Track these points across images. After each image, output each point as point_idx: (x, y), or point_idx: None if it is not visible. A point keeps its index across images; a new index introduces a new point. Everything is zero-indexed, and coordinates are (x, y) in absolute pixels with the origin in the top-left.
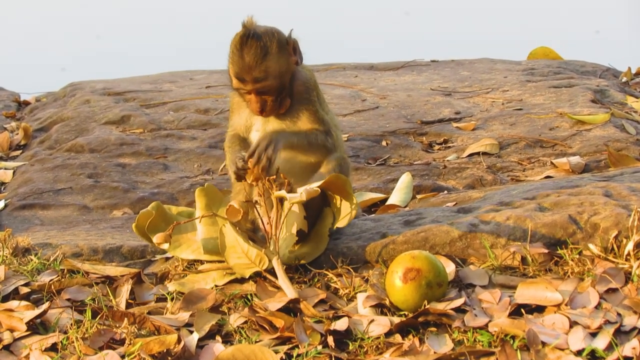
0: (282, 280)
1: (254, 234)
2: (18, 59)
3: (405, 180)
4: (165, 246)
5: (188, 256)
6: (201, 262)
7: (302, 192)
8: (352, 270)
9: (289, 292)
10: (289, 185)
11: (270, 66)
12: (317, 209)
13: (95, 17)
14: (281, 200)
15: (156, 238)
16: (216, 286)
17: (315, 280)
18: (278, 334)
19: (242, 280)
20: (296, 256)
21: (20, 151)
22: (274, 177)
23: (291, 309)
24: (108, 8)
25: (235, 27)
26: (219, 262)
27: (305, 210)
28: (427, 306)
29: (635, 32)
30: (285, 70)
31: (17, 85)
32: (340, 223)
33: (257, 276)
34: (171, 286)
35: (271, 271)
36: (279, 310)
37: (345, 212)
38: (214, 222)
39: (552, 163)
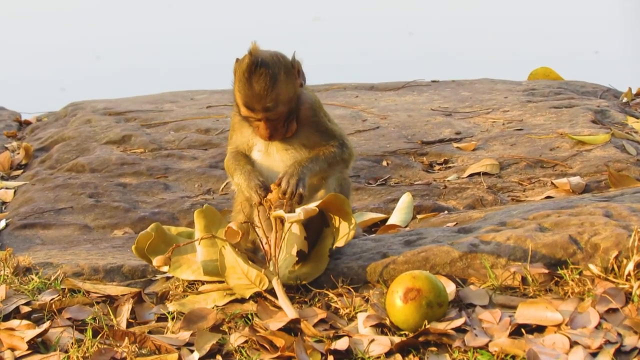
0: (282, 300)
1: (254, 254)
2: (19, 78)
3: (405, 201)
4: (165, 269)
5: (188, 277)
6: (202, 282)
7: (300, 212)
8: (352, 290)
9: (289, 312)
10: (289, 206)
11: (279, 93)
12: (317, 229)
13: (95, 37)
14: (281, 221)
15: (156, 261)
16: (216, 306)
17: (316, 300)
18: (279, 353)
19: (242, 301)
20: (296, 276)
21: (22, 171)
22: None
23: (292, 328)
24: (108, 28)
25: (235, 47)
26: (219, 282)
27: (305, 230)
28: (427, 326)
29: (635, 53)
30: (292, 95)
31: (18, 104)
32: (339, 243)
33: (257, 296)
34: (171, 306)
35: (271, 291)
36: (280, 329)
37: (343, 232)
38: (214, 244)
39: (552, 183)
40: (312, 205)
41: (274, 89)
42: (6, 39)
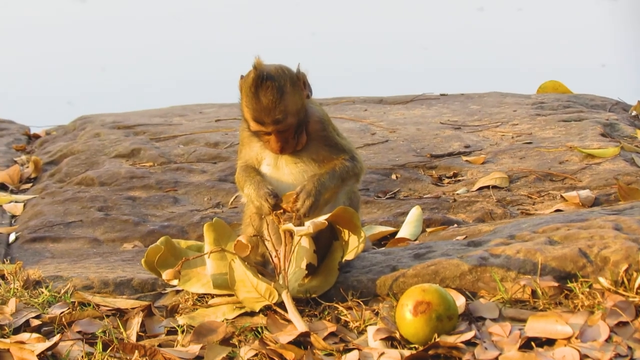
0: (292, 313)
1: (263, 268)
2: (28, 92)
3: (415, 214)
4: (175, 282)
5: (198, 290)
6: (211, 295)
7: (310, 225)
8: (362, 303)
9: (299, 325)
10: (298, 219)
11: (287, 105)
12: (326, 243)
13: (101, 50)
14: (290, 234)
15: (165, 275)
16: (226, 320)
17: (326, 313)
18: None
19: (252, 314)
20: (306, 290)
21: (31, 184)
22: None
23: (302, 342)
24: (114, 42)
25: (243, 60)
26: (229, 295)
27: (315, 243)
28: (437, 339)
29: None
30: (300, 107)
31: (27, 118)
32: (349, 256)
33: (267, 309)
34: (181, 320)
35: (281, 305)
36: (290, 342)
37: (353, 246)
38: (223, 257)
39: (562, 197)
40: (322, 219)
41: (281, 101)
42: (14, 53)
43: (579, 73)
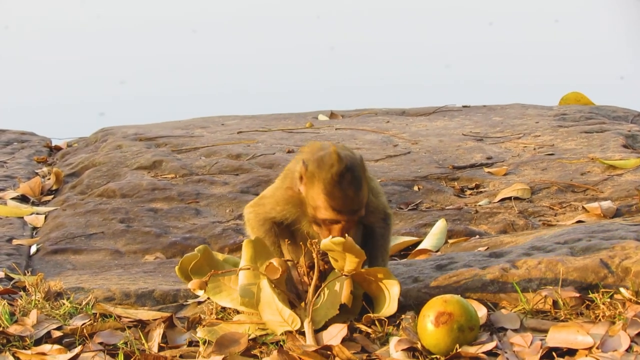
0: (310, 342)
1: (294, 294)
2: (49, 104)
3: (440, 226)
4: (200, 293)
5: (227, 304)
6: (236, 311)
7: (346, 237)
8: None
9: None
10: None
11: (364, 196)
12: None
13: (122, 61)
14: (323, 271)
15: (191, 284)
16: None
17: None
18: None
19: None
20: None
21: (52, 196)
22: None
23: (324, 354)
24: (133, 54)
25: (265, 72)
26: (253, 314)
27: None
28: (458, 350)
29: None
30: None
31: (49, 130)
32: (380, 313)
33: (288, 333)
34: (201, 332)
35: (303, 332)
36: (313, 351)
37: (380, 307)
38: (257, 276)
39: (583, 208)
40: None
41: (361, 192)
42: (36, 65)
43: (602, 85)
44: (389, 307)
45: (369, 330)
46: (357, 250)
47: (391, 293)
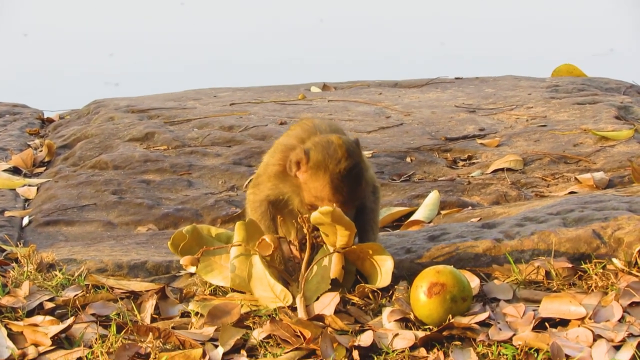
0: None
1: (285, 270)
2: (41, 76)
3: (433, 198)
4: (192, 269)
5: (218, 282)
6: (229, 289)
7: (335, 208)
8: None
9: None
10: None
11: (365, 185)
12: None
13: (114, 33)
14: (315, 245)
15: (183, 261)
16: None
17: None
18: (304, 344)
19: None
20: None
21: (44, 168)
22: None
23: (318, 325)
24: (122, 27)
25: (256, 45)
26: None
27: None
28: (451, 320)
29: None
30: None
31: (41, 102)
32: (375, 285)
33: (281, 309)
34: (193, 305)
35: (295, 308)
36: (307, 321)
37: (373, 280)
38: (248, 258)
39: (576, 179)
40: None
41: (362, 184)
42: (27, 39)
43: (594, 57)
44: (382, 280)
45: (362, 302)
46: (347, 222)
47: (384, 268)
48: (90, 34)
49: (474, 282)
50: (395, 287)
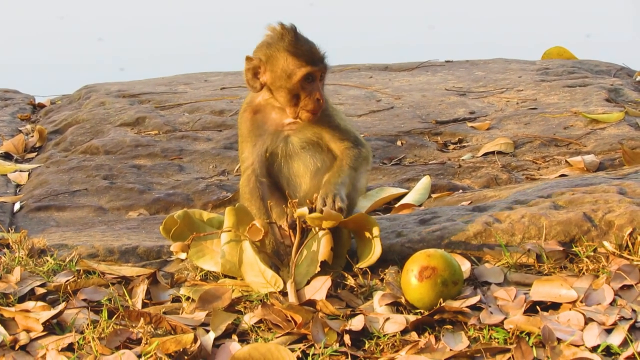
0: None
1: (276, 256)
2: (33, 62)
3: (424, 182)
4: (183, 256)
5: (210, 267)
6: (221, 274)
7: (323, 211)
8: (367, 269)
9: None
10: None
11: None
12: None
13: (104, 18)
14: (303, 229)
15: (174, 247)
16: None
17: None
18: (295, 329)
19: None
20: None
21: (36, 153)
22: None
23: (309, 310)
24: (114, 11)
25: (245, 29)
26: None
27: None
28: (442, 304)
29: None
30: None
31: (32, 88)
32: (362, 264)
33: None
34: (184, 291)
35: (286, 293)
36: (298, 306)
37: (366, 254)
38: (239, 244)
39: (566, 162)
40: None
41: (315, 43)
42: (18, 23)
43: (585, 39)
44: (374, 253)
45: (353, 284)
46: (335, 215)
47: (372, 234)
48: (82, 19)
49: (465, 265)
50: (387, 270)
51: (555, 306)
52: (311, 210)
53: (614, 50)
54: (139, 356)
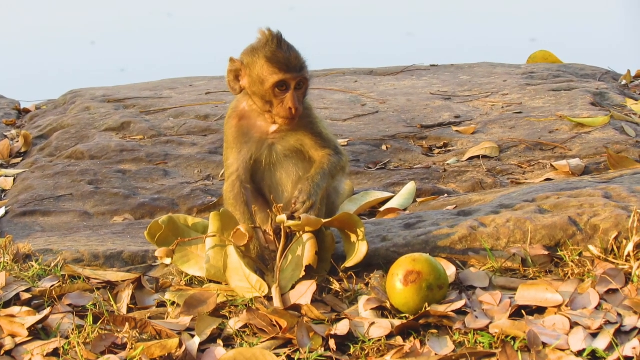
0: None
1: (262, 261)
2: (18, 67)
3: (409, 188)
4: (168, 261)
5: (195, 273)
6: (206, 279)
7: (303, 218)
8: (353, 273)
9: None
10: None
11: (302, 55)
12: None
13: (91, 23)
14: (287, 233)
15: (158, 252)
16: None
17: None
18: (280, 334)
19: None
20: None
21: (21, 158)
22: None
23: (294, 315)
24: (106, 15)
25: (228, 34)
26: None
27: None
28: (427, 308)
29: (634, 36)
30: None
31: (17, 93)
32: (348, 263)
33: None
34: (170, 295)
35: (271, 298)
36: (283, 310)
37: (352, 253)
38: (223, 249)
39: (552, 166)
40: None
41: (298, 52)
42: (3, 28)
43: (571, 43)
44: (360, 251)
45: (338, 289)
46: (314, 220)
47: (357, 233)
48: (69, 23)
49: (450, 270)
50: (372, 275)
51: (540, 310)
52: (291, 217)
53: (599, 54)
54: None
